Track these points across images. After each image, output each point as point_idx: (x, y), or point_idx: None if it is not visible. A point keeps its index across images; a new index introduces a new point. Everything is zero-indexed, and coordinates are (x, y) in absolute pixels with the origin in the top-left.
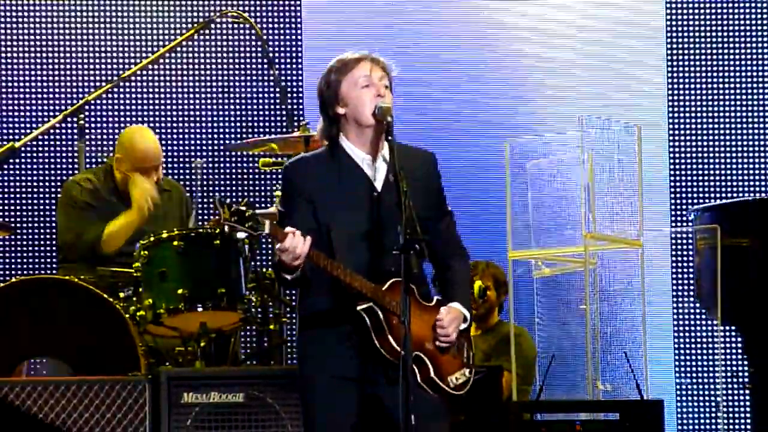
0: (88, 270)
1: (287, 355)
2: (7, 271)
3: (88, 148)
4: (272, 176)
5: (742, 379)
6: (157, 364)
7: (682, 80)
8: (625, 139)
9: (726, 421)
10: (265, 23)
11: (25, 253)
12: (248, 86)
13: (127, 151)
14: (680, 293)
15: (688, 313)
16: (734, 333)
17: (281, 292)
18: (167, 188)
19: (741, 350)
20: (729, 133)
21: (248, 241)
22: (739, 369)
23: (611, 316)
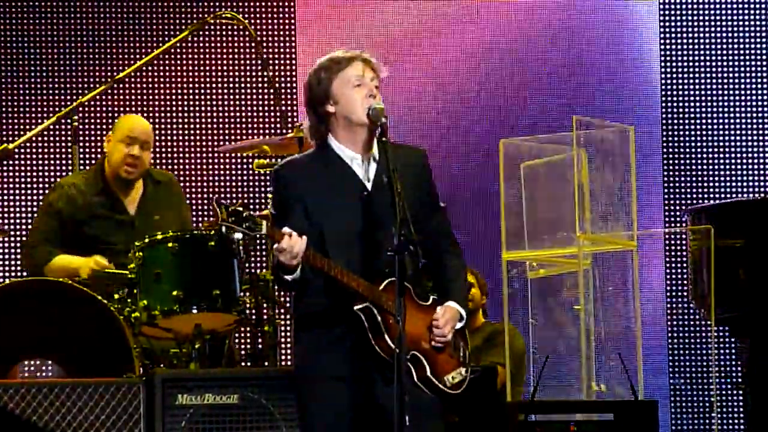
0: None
1: (282, 357)
2: (1, 273)
3: (81, 150)
4: (267, 177)
5: (735, 380)
6: (151, 366)
7: (675, 82)
8: (618, 141)
9: (720, 422)
10: (259, 25)
11: (19, 256)
12: (242, 88)
13: (117, 126)
14: (674, 294)
15: (682, 313)
16: (728, 333)
17: (276, 294)
18: (160, 180)
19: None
20: (722, 135)
21: (243, 242)
22: (733, 369)
23: (605, 317)
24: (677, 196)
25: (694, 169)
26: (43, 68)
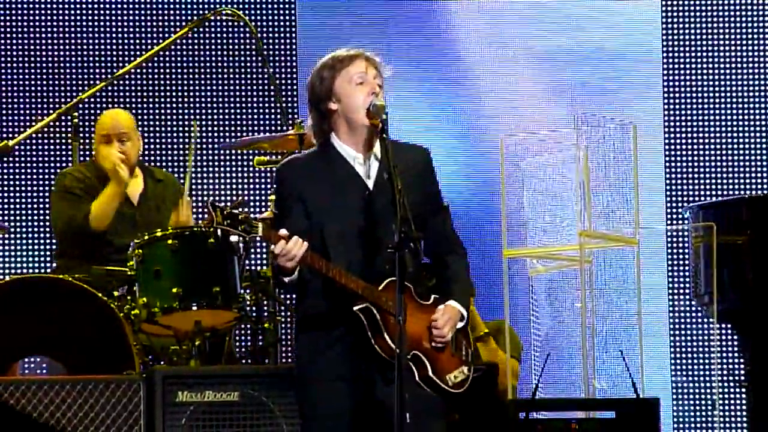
0: (82, 266)
1: (282, 354)
2: (1, 270)
3: (81, 147)
4: (267, 174)
5: (738, 377)
6: (151, 363)
7: (677, 78)
8: (620, 137)
9: (722, 420)
10: (260, 21)
11: (20, 253)
12: (242, 84)
13: (97, 125)
14: (676, 291)
15: (684, 310)
16: (730, 331)
17: (276, 291)
18: (161, 178)
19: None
20: (724, 132)
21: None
22: (735, 367)
23: (607, 315)
24: (679, 193)
25: (696, 165)
26: (43, 65)
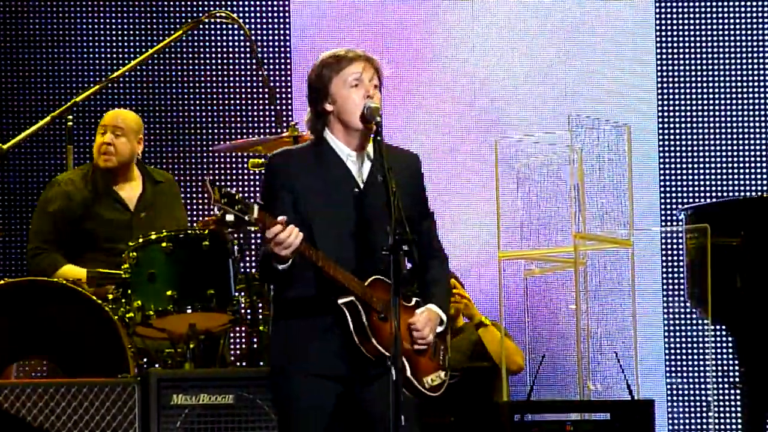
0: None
1: None
2: None
3: (76, 150)
4: (261, 177)
5: (732, 379)
6: (146, 366)
7: (671, 80)
8: (614, 139)
9: (717, 421)
10: (254, 24)
11: (13, 255)
12: (237, 87)
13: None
14: (670, 293)
15: (679, 312)
16: (725, 332)
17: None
18: (160, 180)
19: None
20: (719, 133)
21: (237, 241)
22: (730, 368)
23: (601, 316)
24: (674, 195)
25: (690, 167)
26: (37, 68)
